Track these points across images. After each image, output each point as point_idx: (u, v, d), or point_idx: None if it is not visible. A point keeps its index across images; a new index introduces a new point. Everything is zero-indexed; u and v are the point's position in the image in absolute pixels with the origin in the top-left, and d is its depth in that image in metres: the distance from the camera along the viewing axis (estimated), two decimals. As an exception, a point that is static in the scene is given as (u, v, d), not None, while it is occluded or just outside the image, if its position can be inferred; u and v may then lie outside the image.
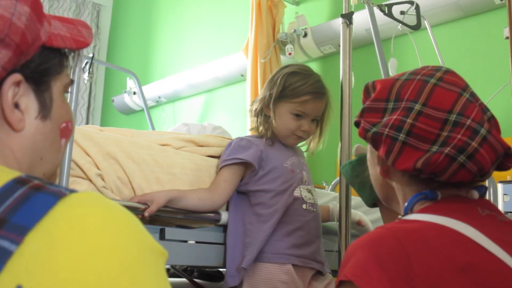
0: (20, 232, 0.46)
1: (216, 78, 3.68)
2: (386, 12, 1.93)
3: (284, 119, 1.57)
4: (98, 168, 1.33)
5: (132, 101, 4.18)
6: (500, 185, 1.62)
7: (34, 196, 0.49)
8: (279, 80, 1.58)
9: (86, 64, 2.84)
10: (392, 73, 2.00)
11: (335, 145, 1.65)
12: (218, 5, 3.97)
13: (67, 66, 0.70)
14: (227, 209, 1.57)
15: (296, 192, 1.54)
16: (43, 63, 0.64)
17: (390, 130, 0.85)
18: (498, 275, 0.73)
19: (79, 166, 1.31)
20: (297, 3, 3.39)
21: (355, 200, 1.71)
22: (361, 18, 2.35)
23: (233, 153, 1.55)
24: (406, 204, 0.87)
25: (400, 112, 0.86)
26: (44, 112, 0.64)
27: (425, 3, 2.41)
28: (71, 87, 0.74)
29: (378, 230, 0.78)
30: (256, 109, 1.62)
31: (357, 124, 0.94)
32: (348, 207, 1.55)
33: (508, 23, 1.38)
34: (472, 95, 0.86)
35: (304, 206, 1.54)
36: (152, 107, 4.21)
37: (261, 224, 1.49)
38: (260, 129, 1.62)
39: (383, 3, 1.93)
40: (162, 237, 1.40)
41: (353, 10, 1.74)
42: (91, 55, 2.26)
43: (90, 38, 0.72)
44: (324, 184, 2.80)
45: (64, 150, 0.72)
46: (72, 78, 0.72)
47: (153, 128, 3.79)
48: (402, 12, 2.02)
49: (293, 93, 1.55)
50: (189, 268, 2.03)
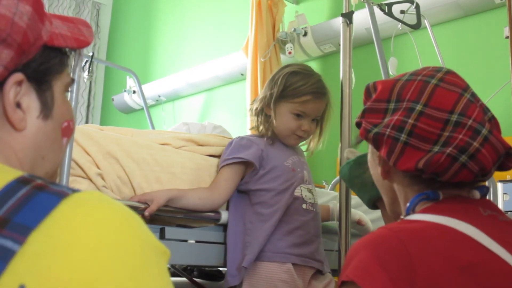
0: (23, 232, 0.46)
1: (216, 77, 3.68)
2: (386, 11, 1.93)
3: (285, 119, 1.57)
4: (98, 167, 1.33)
5: (132, 100, 4.18)
6: (500, 184, 1.63)
7: (37, 196, 0.49)
8: (280, 80, 1.58)
9: (86, 63, 2.84)
10: (392, 72, 2.00)
11: (335, 145, 1.65)
12: (218, 4, 3.97)
13: (68, 65, 0.70)
14: (227, 209, 1.57)
15: (297, 192, 1.54)
16: (45, 63, 0.64)
17: (392, 131, 0.85)
18: (500, 275, 0.73)
19: (79, 165, 1.31)
20: (297, 2, 3.39)
21: (355, 200, 1.71)
22: (361, 17, 2.35)
23: (234, 152, 1.55)
24: (408, 205, 0.87)
25: (402, 113, 0.86)
26: (46, 112, 0.64)
27: (425, 2, 2.41)
28: (72, 86, 0.74)
29: (380, 231, 0.78)
30: (257, 109, 1.62)
31: (358, 125, 0.94)
32: (348, 207, 1.55)
33: (508, 23, 1.38)
34: (473, 96, 0.87)
35: (304, 206, 1.54)
36: (152, 106, 4.21)
37: (262, 223, 1.49)
38: (261, 129, 1.62)
39: (383, 2, 1.93)
40: (162, 237, 1.40)
41: (353, 9, 1.74)
42: (91, 54, 2.26)
43: (91, 37, 0.71)
44: (324, 184, 2.80)
45: (65, 149, 0.72)
46: (73, 77, 0.72)
47: (153, 127, 3.79)
48: (402, 11, 2.02)
49: (294, 93, 1.55)
50: (189, 268, 2.03)
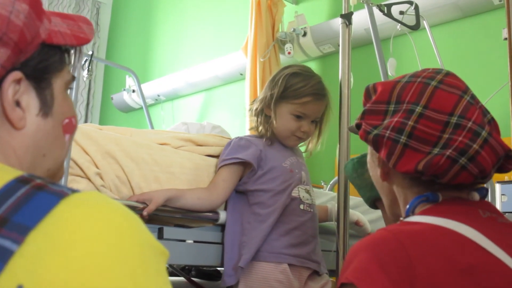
0: (22, 232, 0.46)
1: (216, 77, 3.68)
2: (386, 12, 1.93)
3: (285, 120, 1.57)
4: (97, 167, 1.33)
5: (131, 99, 4.18)
6: (498, 186, 1.63)
7: (36, 196, 0.49)
8: (281, 81, 1.58)
9: (85, 62, 2.83)
10: (391, 73, 2.00)
11: (334, 145, 1.65)
12: (218, 4, 3.97)
13: (68, 63, 0.70)
14: (226, 209, 1.57)
15: (294, 192, 1.55)
16: (43, 61, 0.64)
17: (392, 133, 0.85)
18: (500, 277, 0.73)
19: (78, 165, 1.31)
20: (297, 2, 3.39)
21: (354, 200, 1.72)
22: (361, 18, 2.35)
23: (232, 153, 1.55)
24: (408, 207, 0.87)
25: (401, 115, 0.86)
26: (45, 110, 0.64)
27: (424, 3, 2.42)
28: (73, 83, 0.74)
29: (380, 232, 0.78)
30: (257, 109, 1.62)
31: (358, 126, 0.94)
32: (346, 207, 1.55)
33: (507, 24, 1.38)
34: (473, 98, 0.87)
35: (302, 207, 1.55)
36: (151, 105, 4.21)
37: (259, 224, 1.50)
38: (260, 129, 1.62)
39: (383, 3, 1.93)
40: (161, 237, 1.40)
41: (353, 10, 1.74)
42: (91, 53, 2.26)
43: (91, 34, 0.71)
44: (323, 184, 2.80)
45: (69, 146, 0.72)
46: (73, 74, 0.72)
47: (152, 126, 3.79)
48: (401, 12, 2.02)
49: (294, 94, 1.55)
50: (187, 267, 2.03)
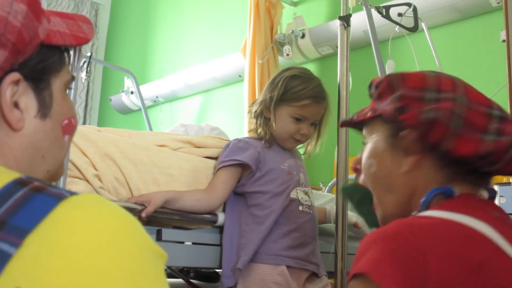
0: (20, 235, 0.45)
1: (214, 79, 3.68)
2: (384, 14, 1.94)
3: (284, 122, 1.57)
4: (96, 169, 1.33)
5: (130, 101, 4.18)
6: (496, 187, 1.63)
7: (34, 198, 0.49)
8: (280, 83, 1.58)
9: (84, 63, 2.84)
10: (390, 75, 2.00)
11: (332, 147, 1.65)
12: (217, 5, 3.98)
13: (67, 63, 0.69)
14: (224, 210, 1.57)
15: (293, 194, 1.55)
16: (42, 61, 0.63)
17: (448, 116, 0.85)
18: (511, 275, 0.72)
19: (77, 167, 1.31)
20: (295, 4, 3.40)
21: (352, 202, 1.71)
22: (359, 20, 2.36)
23: (231, 155, 1.55)
24: (424, 199, 0.85)
25: (449, 101, 0.86)
26: (44, 111, 0.64)
27: (423, 5, 2.42)
28: (72, 84, 0.73)
29: (393, 225, 0.76)
30: (256, 111, 1.63)
31: (401, 110, 0.88)
32: (345, 209, 1.55)
33: (505, 26, 1.38)
34: None
35: (301, 208, 1.55)
36: (150, 107, 4.21)
37: (257, 225, 1.50)
38: (259, 131, 1.62)
39: (381, 5, 1.94)
40: (159, 238, 1.40)
41: (351, 12, 1.74)
42: (89, 54, 2.26)
43: (91, 34, 0.71)
44: (321, 186, 2.80)
45: (69, 146, 0.71)
46: (73, 74, 0.71)
47: (151, 128, 3.79)
48: (400, 14, 2.03)
49: (294, 97, 1.56)
50: (186, 269, 2.03)
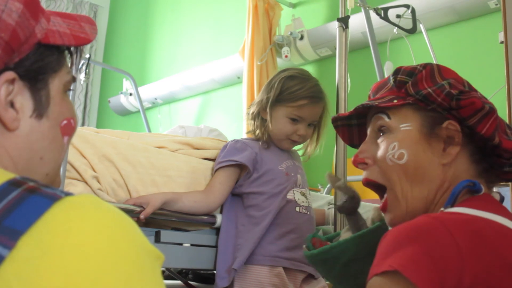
0: (13, 236, 0.45)
1: (213, 80, 3.68)
2: (382, 16, 1.94)
3: (281, 123, 1.57)
4: (94, 170, 1.33)
5: (128, 102, 4.18)
6: (495, 189, 1.63)
7: (28, 199, 0.48)
8: (277, 84, 1.58)
9: (83, 65, 2.83)
10: (388, 77, 2.00)
11: (331, 148, 1.65)
12: (215, 7, 3.98)
13: (66, 64, 0.68)
14: (221, 211, 1.57)
15: (289, 195, 1.54)
16: (39, 61, 0.62)
17: (495, 110, 0.86)
18: None
19: (75, 168, 1.31)
20: (294, 6, 3.40)
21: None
22: (357, 21, 2.36)
23: (228, 155, 1.55)
24: (454, 189, 0.82)
25: (486, 100, 0.87)
26: (40, 110, 0.63)
27: (421, 7, 2.42)
28: (73, 84, 0.73)
29: (424, 219, 0.73)
30: (253, 112, 1.63)
31: (458, 96, 0.86)
32: (343, 210, 1.55)
33: (503, 28, 1.38)
34: None
35: (297, 209, 1.54)
36: (149, 109, 4.21)
37: (253, 226, 1.50)
38: (257, 132, 1.62)
39: (379, 7, 1.94)
40: (158, 240, 1.40)
41: (350, 14, 1.74)
42: (88, 56, 2.26)
43: (93, 34, 0.70)
44: (320, 187, 2.80)
45: (67, 148, 0.70)
46: (74, 75, 0.70)
47: (149, 130, 3.79)
48: (398, 16, 2.03)
49: (290, 97, 1.55)
50: (184, 271, 2.03)
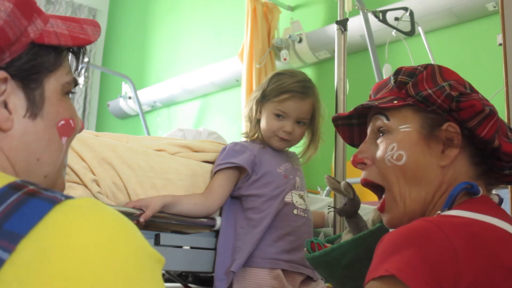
0: (13, 240, 0.45)
1: (212, 83, 3.68)
2: (381, 18, 1.94)
3: (267, 120, 1.57)
4: (93, 174, 1.33)
5: (128, 106, 4.18)
6: (495, 190, 1.63)
7: (28, 202, 0.48)
8: (265, 82, 1.60)
9: (82, 69, 2.83)
10: (387, 79, 2.01)
11: (330, 150, 1.65)
12: (214, 10, 3.98)
13: (65, 65, 0.67)
14: (220, 214, 1.57)
15: (287, 198, 1.54)
16: (31, 60, 0.62)
17: (496, 112, 0.85)
18: None
19: (74, 171, 1.31)
20: (292, 9, 3.40)
21: (350, 206, 1.71)
22: (356, 24, 2.37)
23: (227, 158, 1.55)
24: (452, 192, 0.82)
25: (488, 102, 0.86)
26: (33, 110, 0.62)
27: (419, 10, 2.43)
28: (74, 87, 0.72)
29: (421, 223, 0.72)
30: (247, 113, 1.63)
31: (458, 98, 0.85)
32: (343, 213, 1.55)
33: (501, 30, 1.39)
34: None
35: (295, 212, 1.54)
36: (148, 112, 4.21)
37: (252, 229, 1.50)
38: (251, 133, 1.62)
39: (378, 9, 1.94)
40: (157, 243, 1.40)
41: (348, 16, 1.75)
42: (87, 60, 2.27)
43: (95, 36, 0.69)
44: (319, 190, 2.80)
45: (67, 150, 0.69)
46: (74, 76, 0.70)
47: (148, 133, 3.79)
48: (397, 18, 2.03)
49: (274, 93, 1.55)
50: (184, 273, 2.02)
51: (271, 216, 1.50)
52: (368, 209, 1.69)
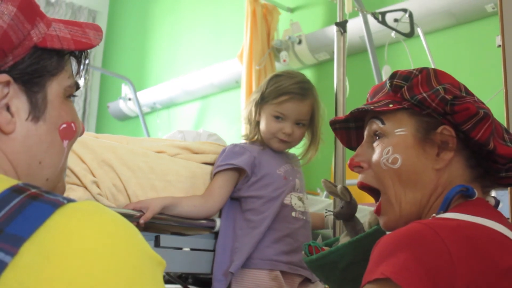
0: (15, 243, 0.45)
1: (211, 85, 3.69)
2: (380, 20, 1.95)
3: (266, 122, 1.57)
4: (94, 175, 1.33)
5: (127, 107, 4.19)
6: (494, 192, 1.64)
7: (31, 205, 0.48)
8: (263, 84, 1.60)
9: (82, 71, 2.84)
10: (386, 81, 2.01)
11: (330, 152, 1.65)
12: (214, 12, 3.99)
13: (68, 68, 0.68)
14: (220, 215, 1.57)
15: (286, 200, 1.54)
16: (34, 64, 0.62)
17: (492, 115, 0.85)
18: None
19: (75, 173, 1.31)
20: (292, 10, 3.41)
21: (349, 207, 1.71)
22: (355, 26, 2.37)
23: (227, 159, 1.55)
24: (447, 194, 0.82)
25: (483, 105, 0.87)
26: (36, 113, 0.63)
27: (419, 11, 2.43)
28: (77, 90, 0.72)
29: (416, 226, 0.73)
30: (246, 115, 1.63)
31: (452, 102, 0.85)
32: (342, 214, 1.55)
33: (500, 31, 1.39)
34: None
35: (294, 214, 1.54)
36: (148, 114, 4.21)
37: (251, 230, 1.50)
38: (250, 135, 1.62)
39: (377, 11, 1.95)
40: (157, 244, 1.40)
41: (348, 18, 1.75)
42: (86, 61, 2.27)
43: (97, 40, 0.70)
44: (318, 191, 2.80)
45: (68, 153, 0.69)
46: (77, 80, 0.70)
47: (148, 135, 3.80)
48: (396, 20, 2.04)
49: (272, 95, 1.56)
50: (184, 275, 2.03)
51: (271, 218, 1.50)
52: (366, 211, 1.69)
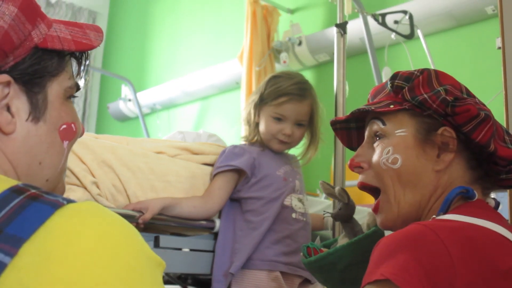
0: (15, 244, 0.45)
1: (211, 86, 3.69)
2: (380, 22, 1.95)
3: (266, 123, 1.57)
4: (93, 176, 1.33)
5: (127, 108, 4.19)
6: (493, 194, 1.64)
7: (30, 206, 0.48)
8: (262, 85, 1.60)
9: (84, 73, 2.84)
10: (386, 82, 2.01)
11: (330, 153, 1.65)
12: (214, 13, 3.99)
13: (68, 69, 0.68)
14: (220, 216, 1.57)
15: (286, 201, 1.54)
16: (35, 64, 0.62)
17: (493, 117, 0.85)
18: None
19: (74, 174, 1.31)
20: (292, 12, 3.41)
21: (349, 208, 1.71)
22: (356, 27, 2.37)
23: (227, 160, 1.55)
24: (448, 196, 0.82)
25: (484, 107, 0.87)
26: (36, 114, 0.63)
27: (419, 13, 2.44)
28: (77, 91, 0.72)
29: (416, 227, 0.73)
30: (246, 117, 1.63)
31: (453, 103, 0.85)
32: (342, 215, 1.55)
33: (500, 33, 1.39)
34: None
35: (294, 215, 1.54)
36: (147, 114, 4.21)
37: (251, 231, 1.50)
38: (250, 136, 1.62)
39: (377, 13, 1.95)
40: (157, 245, 1.40)
41: (348, 19, 1.75)
42: (87, 62, 2.27)
43: (97, 41, 0.70)
44: (318, 192, 2.80)
45: (68, 153, 0.69)
46: (77, 81, 0.70)
47: (148, 135, 3.80)
48: (396, 22, 2.04)
49: (272, 96, 1.56)
50: (183, 275, 2.03)
51: (271, 219, 1.50)
52: (365, 212, 1.69)
